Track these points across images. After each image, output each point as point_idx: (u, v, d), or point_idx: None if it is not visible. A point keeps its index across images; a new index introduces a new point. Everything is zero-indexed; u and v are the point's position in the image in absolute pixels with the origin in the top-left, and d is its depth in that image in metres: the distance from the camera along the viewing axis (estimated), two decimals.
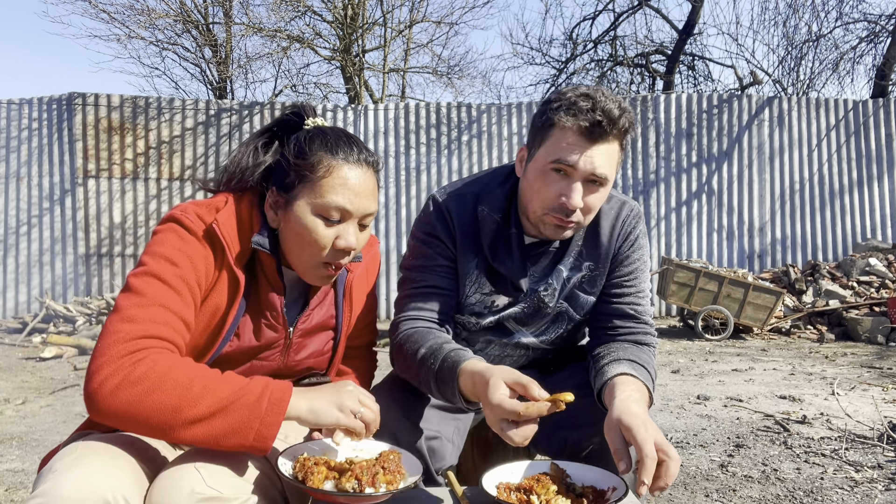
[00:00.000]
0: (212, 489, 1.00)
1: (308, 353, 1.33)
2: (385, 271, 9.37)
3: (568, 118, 1.27)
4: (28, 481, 2.99)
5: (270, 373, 1.29)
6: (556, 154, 1.29)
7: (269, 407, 1.03)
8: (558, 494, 1.06)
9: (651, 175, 9.65)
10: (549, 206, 1.32)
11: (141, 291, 1.09)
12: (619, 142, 1.32)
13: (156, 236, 1.16)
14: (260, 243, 1.20)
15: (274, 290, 1.25)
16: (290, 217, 1.20)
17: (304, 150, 1.20)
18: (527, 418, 1.06)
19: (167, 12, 11.40)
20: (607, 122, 1.26)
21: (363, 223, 1.24)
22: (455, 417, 1.43)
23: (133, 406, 1.00)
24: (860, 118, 9.80)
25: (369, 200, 1.22)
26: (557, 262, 1.46)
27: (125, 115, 9.11)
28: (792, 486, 2.80)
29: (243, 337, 1.23)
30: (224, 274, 1.18)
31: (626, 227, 1.46)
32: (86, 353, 6.82)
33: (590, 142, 1.27)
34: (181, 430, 1.00)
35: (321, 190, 1.18)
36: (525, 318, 1.49)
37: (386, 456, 1.10)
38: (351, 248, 1.20)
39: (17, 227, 8.88)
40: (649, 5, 13.23)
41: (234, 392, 1.04)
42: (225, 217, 1.19)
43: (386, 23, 11.91)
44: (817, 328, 7.74)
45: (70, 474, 0.95)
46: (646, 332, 1.44)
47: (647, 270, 1.50)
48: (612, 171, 1.32)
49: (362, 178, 1.21)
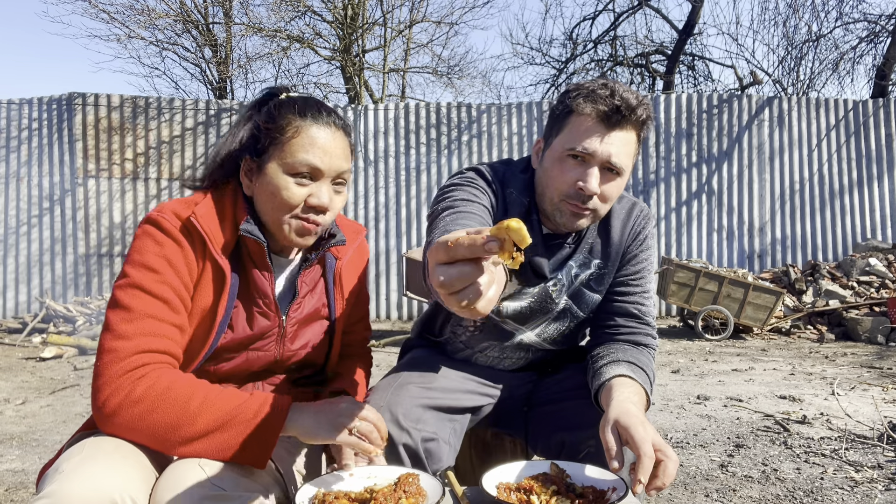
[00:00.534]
0: (216, 486, 1.01)
1: (303, 342, 1.33)
2: (385, 271, 9.37)
3: (587, 104, 1.28)
4: (28, 481, 2.99)
5: (266, 364, 1.29)
6: (574, 141, 1.29)
7: (265, 424, 1.07)
8: (558, 494, 1.05)
9: (651, 175, 9.65)
10: (565, 193, 1.31)
11: (127, 306, 1.11)
12: (636, 132, 1.32)
13: (134, 242, 1.17)
14: (248, 230, 1.20)
15: (264, 276, 1.25)
16: (263, 180, 1.20)
17: (273, 114, 1.22)
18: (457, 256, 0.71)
19: (167, 12, 11.40)
20: (626, 108, 1.27)
21: (337, 184, 1.24)
22: (451, 419, 1.43)
23: (134, 425, 1.05)
24: (860, 118, 9.80)
25: (340, 160, 1.22)
26: (568, 259, 1.46)
27: (125, 115, 9.11)
28: (792, 486, 2.80)
29: (237, 328, 1.23)
30: (208, 265, 1.18)
31: (637, 227, 1.46)
32: (86, 353, 6.82)
33: (608, 128, 1.28)
34: (181, 447, 1.05)
35: (291, 149, 1.19)
36: (528, 315, 1.48)
37: (405, 479, 1.09)
38: (323, 205, 1.20)
39: (17, 227, 8.88)
40: (649, 5, 13.24)
41: (231, 409, 1.08)
42: (203, 210, 1.19)
43: (386, 23, 11.91)
44: (817, 328, 7.74)
45: (77, 475, 0.95)
46: (647, 334, 1.44)
47: (653, 272, 1.51)
48: (628, 161, 1.32)
49: (332, 138, 1.22)
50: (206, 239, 1.17)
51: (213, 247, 1.18)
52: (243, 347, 1.25)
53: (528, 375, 1.59)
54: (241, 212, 1.23)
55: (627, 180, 1.40)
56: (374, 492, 1.06)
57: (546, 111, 9.67)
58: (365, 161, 9.48)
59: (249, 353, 1.26)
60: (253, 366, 1.28)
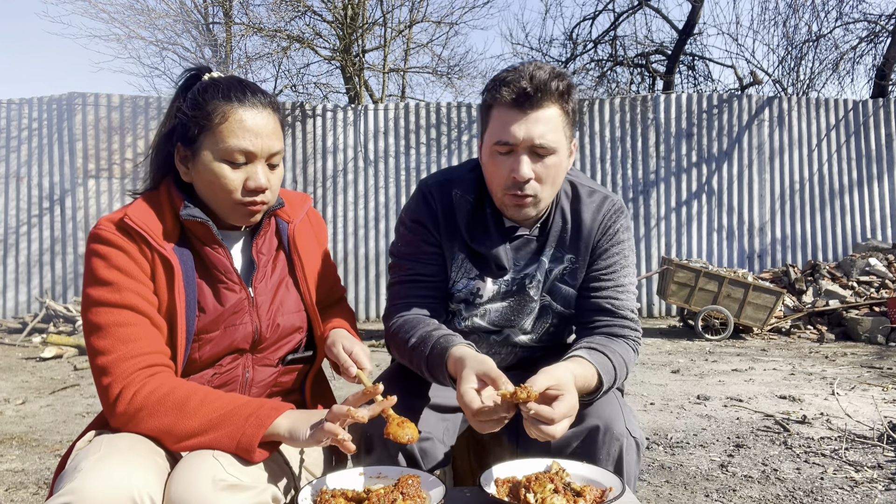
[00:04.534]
0: (232, 476, 1.04)
1: (276, 309, 1.34)
2: (385, 270, 9.36)
3: (500, 94, 1.30)
4: (28, 481, 2.99)
5: (248, 338, 1.30)
6: (497, 133, 1.31)
7: (257, 422, 1.10)
8: (556, 493, 1.05)
9: (651, 175, 9.65)
10: (504, 186, 1.34)
11: (98, 324, 1.16)
12: (558, 106, 1.31)
13: (85, 263, 1.21)
14: (190, 214, 1.23)
15: (218, 252, 1.27)
16: (199, 168, 1.23)
17: (198, 101, 1.23)
18: (485, 414, 1.12)
19: (167, 12, 11.40)
20: (533, 88, 1.27)
21: (271, 163, 1.26)
22: (444, 418, 1.43)
23: (137, 428, 1.13)
24: (860, 118, 9.80)
25: (271, 139, 1.24)
26: (540, 254, 1.46)
27: (125, 115, 9.11)
28: (792, 486, 2.80)
29: (208, 308, 1.26)
30: (156, 258, 1.21)
31: (607, 221, 1.45)
32: (86, 353, 6.82)
33: (522, 112, 1.29)
34: (179, 444, 1.12)
35: (221, 136, 1.20)
36: (510, 314, 1.49)
37: (404, 481, 1.09)
38: (261, 187, 1.23)
39: (17, 227, 8.88)
40: (649, 5, 13.23)
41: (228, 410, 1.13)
42: (136, 209, 1.22)
43: (386, 23, 11.90)
44: (817, 328, 7.74)
45: (96, 473, 0.98)
46: (623, 326, 1.41)
47: (630, 266, 1.48)
48: (557, 137, 1.31)
49: (260, 119, 1.23)
50: (144, 234, 1.19)
51: (154, 240, 1.20)
52: (219, 324, 1.27)
53: (516, 374, 1.58)
54: (178, 200, 1.25)
55: (572, 156, 1.41)
56: (370, 491, 1.07)
57: None
58: (365, 161, 9.48)
59: (226, 329, 1.27)
60: (234, 342, 1.28)
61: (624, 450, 1.25)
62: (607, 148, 9.67)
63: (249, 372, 1.32)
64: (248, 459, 1.09)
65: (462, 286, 1.47)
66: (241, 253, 1.35)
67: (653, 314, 9.56)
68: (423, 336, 1.33)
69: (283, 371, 1.37)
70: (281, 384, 1.38)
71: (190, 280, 1.23)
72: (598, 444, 1.25)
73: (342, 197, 9.42)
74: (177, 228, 1.25)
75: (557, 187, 1.39)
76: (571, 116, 1.35)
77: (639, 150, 9.66)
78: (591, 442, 1.25)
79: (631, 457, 1.27)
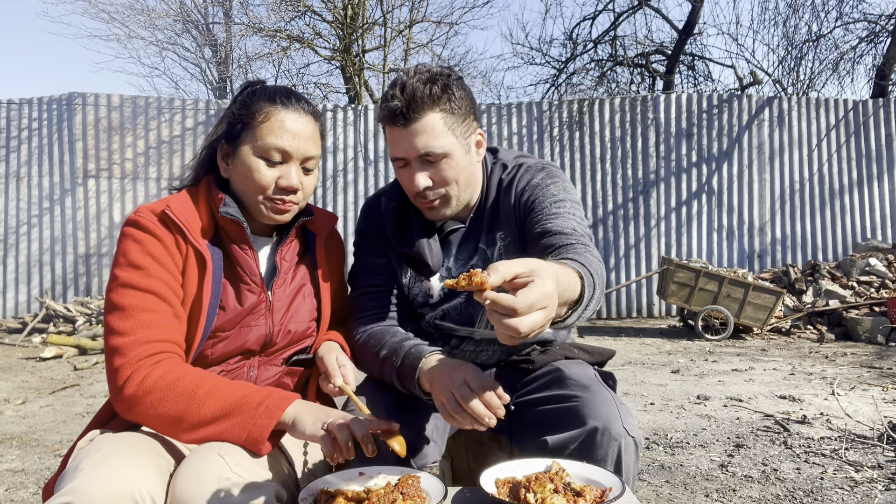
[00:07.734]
0: (237, 475, 1.05)
1: (291, 315, 1.37)
2: None
3: (381, 112, 1.34)
4: (28, 481, 2.99)
5: (259, 340, 1.33)
6: (391, 151, 1.36)
7: (267, 412, 1.12)
8: (556, 493, 1.05)
9: (651, 175, 9.65)
10: (412, 195, 1.38)
11: (121, 305, 1.18)
12: (437, 110, 1.31)
13: (118, 246, 1.24)
14: (227, 212, 1.27)
15: (247, 253, 1.31)
16: (237, 163, 1.29)
17: (246, 102, 1.30)
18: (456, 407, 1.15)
19: (167, 12, 11.41)
20: (405, 103, 1.29)
21: (306, 167, 1.31)
22: (436, 416, 1.43)
23: (147, 413, 1.14)
24: (860, 118, 9.80)
25: (308, 143, 1.30)
26: (477, 242, 1.47)
27: (125, 115, 9.10)
28: (792, 486, 2.80)
29: (228, 307, 1.29)
30: (190, 252, 1.25)
31: (521, 184, 1.43)
32: (86, 353, 6.82)
33: (401, 127, 1.31)
34: (188, 434, 1.13)
35: (261, 133, 1.26)
36: (471, 310, 1.48)
37: (404, 481, 1.09)
38: (293, 187, 1.28)
39: (17, 227, 8.88)
40: (649, 5, 13.23)
41: (238, 398, 1.14)
42: (178, 202, 1.27)
43: (386, 23, 11.90)
44: (817, 328, 7.73)
45: (97, 473, 0.99)
46: (572, 241, 1.27)
47: (566, 200, 1.37)
48: (443, 142, 1.31)
49: (300, 123, 1.29)
50: (182, 227, 1.23)
51: (191, 234, 1.24)
52: (235, 323, 1.30)
53: (510, 374, 1.57)
54: (217, 198, 1.29)
55: (480, 147, 1.41)
56: (370, 491, 1.07)
57: (546, 111, 9.68)
58: (365, 161, 9.47)
59: (242, 329, 1.31)
60: (247, 343, 1.31)
61: (622, 450, 1.24)
62: (607, 148, 9.67)
63: (254, 371, 1.34)
64: (256, 452, 1.10)
65: (416, 291, 1.50)
66: (267, 258, 1.39)
67: (653, 314, 9.56)
68: (393, 346, 1.37)
69: (287, 372, 1.39)
70: (283, 385, 1.40)
71: (217, 278, 1.27)
72: (597, 445, 1.24)
73: (342, 197, 9.42)
74: (212, 226, 1.30)
75: (470, 182, 1.41)
76: (461, 113, 1.34)
77: (639, 150, 9.66)
78: (590, 443, 1.25)
79: (629, 456, 1.27)
